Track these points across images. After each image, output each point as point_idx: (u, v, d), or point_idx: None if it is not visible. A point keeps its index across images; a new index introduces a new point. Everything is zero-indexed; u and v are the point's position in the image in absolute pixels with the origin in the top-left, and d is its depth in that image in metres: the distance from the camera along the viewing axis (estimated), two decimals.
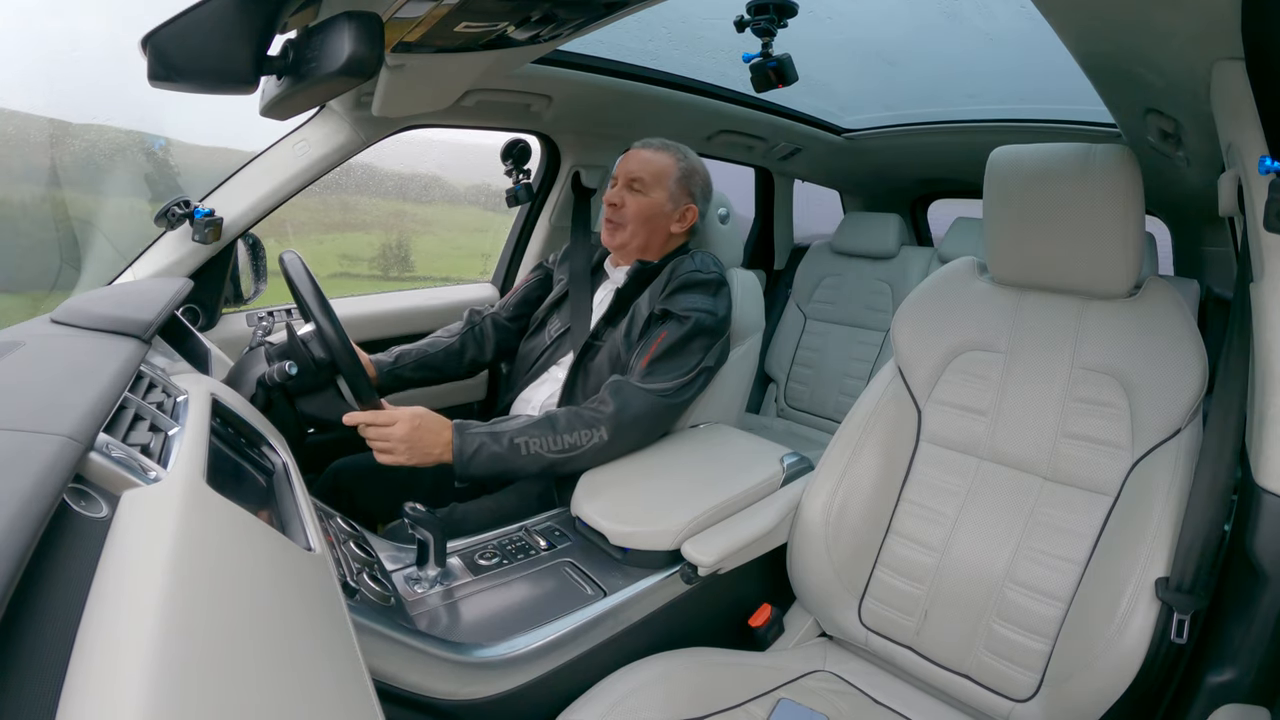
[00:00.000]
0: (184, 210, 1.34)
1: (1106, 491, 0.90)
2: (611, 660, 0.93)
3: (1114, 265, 0.93)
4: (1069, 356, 0.97)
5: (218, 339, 1.38)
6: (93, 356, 0.66)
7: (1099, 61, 0.99)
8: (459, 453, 1.07)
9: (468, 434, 1.09)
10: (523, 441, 1.10)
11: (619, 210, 1.33)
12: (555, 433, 1.12)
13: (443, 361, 1.44)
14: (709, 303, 1.26)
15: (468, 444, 1.08)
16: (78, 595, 0.36)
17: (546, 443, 1.11)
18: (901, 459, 1.06)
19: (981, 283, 1.09)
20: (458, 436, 1.08)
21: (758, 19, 1.21)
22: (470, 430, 1.10)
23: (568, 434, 1.13)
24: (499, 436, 1.10)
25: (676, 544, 1.01)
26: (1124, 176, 0.90)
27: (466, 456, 1.08)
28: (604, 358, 1.29)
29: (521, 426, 1.12)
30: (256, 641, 0.40)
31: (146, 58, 0.67)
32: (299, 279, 1.00)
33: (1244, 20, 0.65)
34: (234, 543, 0.49)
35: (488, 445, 1.09)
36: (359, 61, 0.69)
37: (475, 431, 1.10)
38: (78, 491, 0.45)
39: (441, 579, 0.96)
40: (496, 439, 1.09)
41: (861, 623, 1.05)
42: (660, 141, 1.38)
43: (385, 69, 1.07)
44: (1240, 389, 0.78)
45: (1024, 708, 0.90)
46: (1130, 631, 0.78)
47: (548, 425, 1.13)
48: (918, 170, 2.54)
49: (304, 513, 0.67)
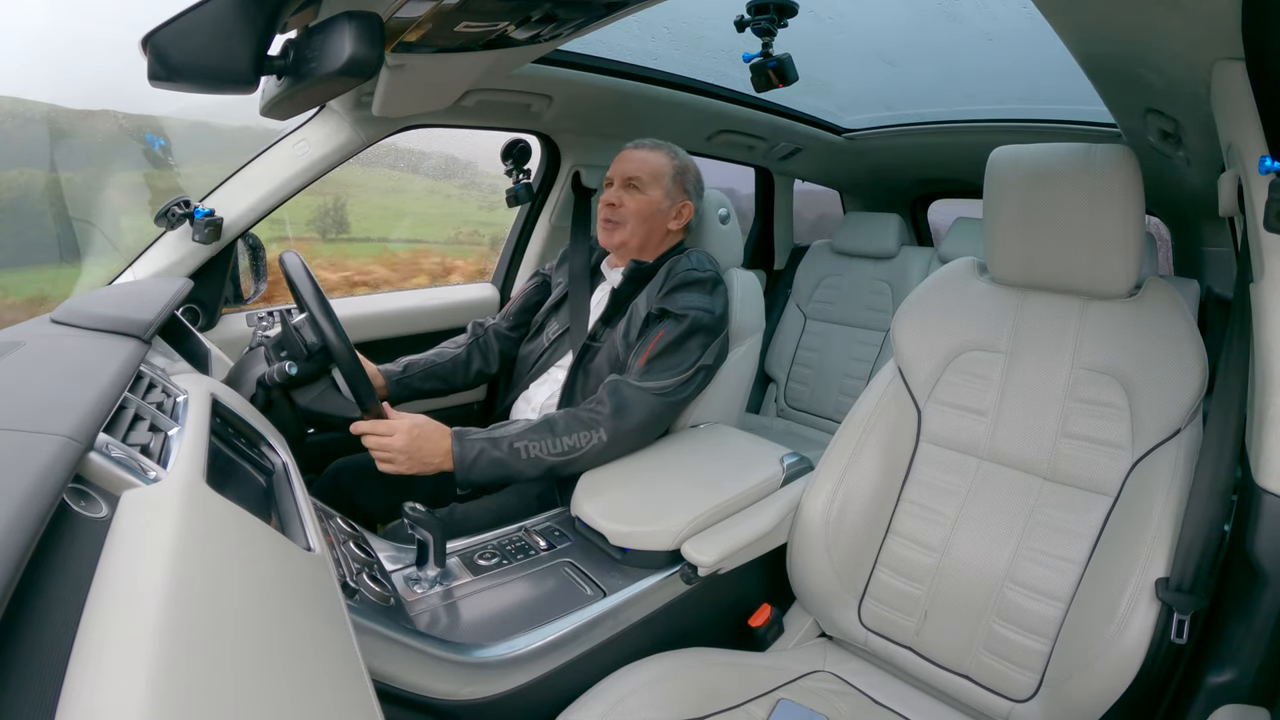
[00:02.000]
0: (184, 210, 1.34)
1: (1106, 491, 0.90)
2: (611, 660, 0.93)
3: (1114, 265, 0.93)
4: (1069, 357, 0.97)
5: (218, 339, 1.37)
6: (93, 356, 0.66)
7: (1099, 62, 1.00)
8: (459, 460, 1.08)
9: (467, 441, 1.09)
10: (522, 446, 1.11)
11: (618, 210, 1.33)
12: (554, 435, 1.13)
13: (450, 372, 1.46)
14: (706, 301, 1.26)
15: (468, 451, 1.08)
16: (78, 595, 0.36)
17: (546, 446, 1.12)
18: (901, 459, 1.06)
19: (981, 283, 1.09)
20: (457, 444, 1.09)
21: (758, 19, 1.21)
22: (469, 437, 1.10)
23: (567, 436, 1.13)
24: (498, 442, 1.10)
25: (676, 544, 1.01)
26: (1124, 176, 0.90)
27: (467, 463, 1.08)
28: (603, 358, 1.30)
29: (520, 431, 1.12)
30: (256, 642, 0.40)
31: (146, 58, 0.67)
32: (299, 279, 1.00)
33: (1244, 21, 0.65)
34: (234, 543, 0.49)
35: (488, 451, 1.09)
36: (359, 61, 0.69)
37: (474, 438, 1.10)
38: (78, 491, 0.44)
39: (441, 579, 0.96)
40: (496, 444, 1.10)
41: (861, 623, 1.05)
42: (652, 141, 1.39)
43: (385, 69, 1.07)
44: (1240, 389, 0.78)
45: (1024, 708, 0.90)
46: (1130, 631, 0.78)
47: (546, 429, 1.13)
48: (917, 170, 2.54)
49: (304, 513, 0.67)
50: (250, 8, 0.69)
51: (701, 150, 2.11)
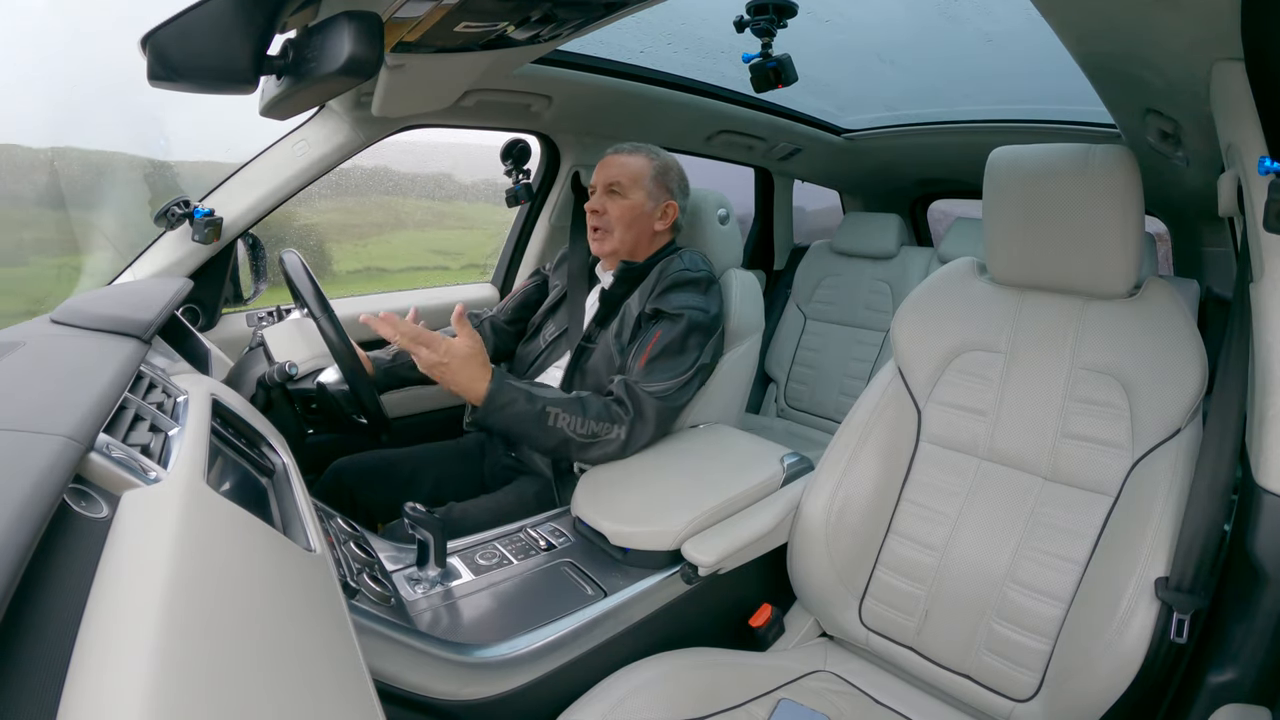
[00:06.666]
0: (184, 210, 1.34)
1: (1107, 491, 0.90)
2: (612, 660, 0.93)
3: (1114, 265, 0.93)
4: (1069, 356, 0.97)
5: (218, 339, 1.37)
6: (93, 356, 0.66)
7: (1099, 62, 1.00)
8: (490, 399, 1.08)
9: (505, 384, 1.10)
10: (554, 412, 1.12)
11: (602, 216, 1.34)
12: (584, 416, 1.14)
13: None
14: (700, 300, 1.27)
15: (502, 393, 1.09)
16: (78, 595, 0.36)
17: (574, 422, 1.13)
18: (902, 459, 1.06)
19: (981, 283, 1.09)
20: (495, 383, 1.09)
21: (757, 19, 1.21)
22: (508, 382, 1.11)
23: (594, 421, 1.15)
24: (534, 398, 1.11)
25: (677, 544, 1.01)
26: (1124, 176, 0.90)
27: (495, 406, 1.08)
28: (599, 359, 1.30)
29: (555, 398, 1.13)
30: (257, 642, 0.40)
31: (146, 57, 0.67)
32: (299, 279, 1.00)
33: (1244, 21, 0.65)
34: (234, 543, 0.49)
35: (520, 403, 1.10)
36: (359, 61, 0.69)
37: (512, 384, 1.11)
38: (78, 492, 0.44)
39: (442, 579, 0.96)
40: (531, 399, 1.11)
41: (862, 623, 1.05)
42: (631, 145, 1.40)
43: (385, 69, 1.07)
44: (1240, 389, 0.78)
45: (1024, 708, 0.90)
46: (1131, 631, 0.78)
47: (579, 406, 1.14)
48: (917, 170, 2.54)
49: (304, 513, 0.67)
50: (250, 7, 0.69)
51: (701, 150, 2.11)
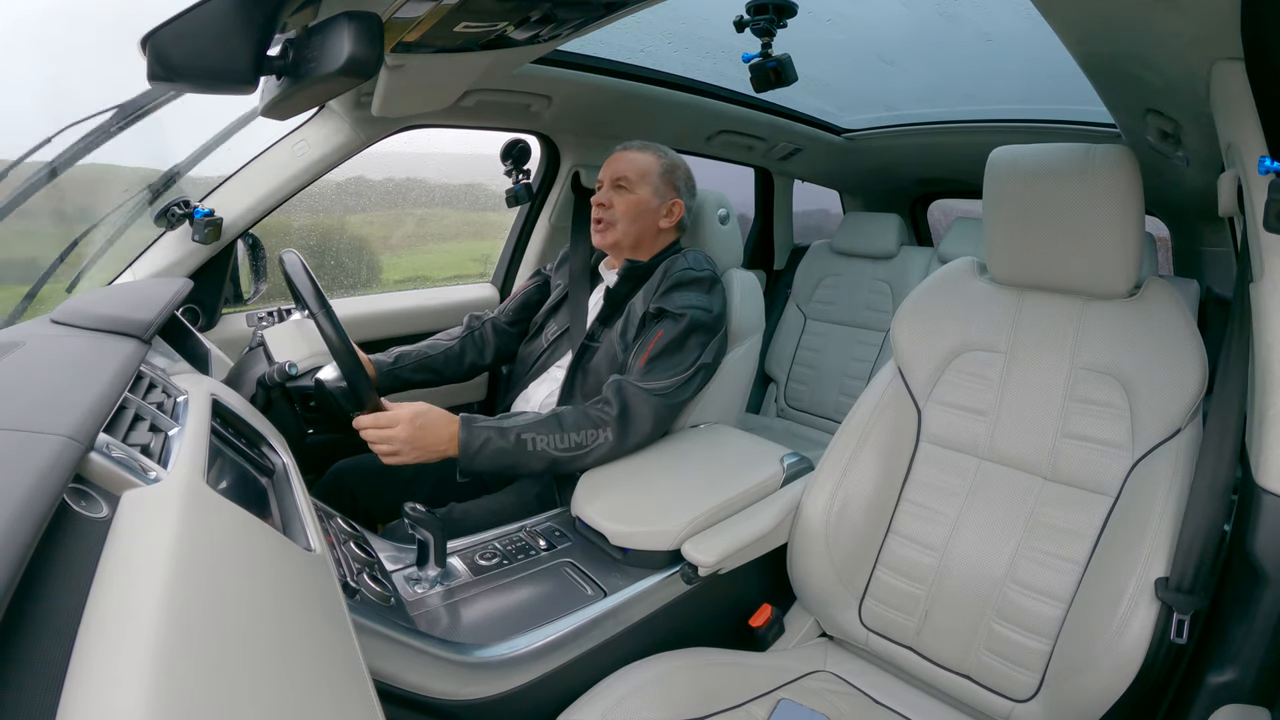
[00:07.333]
0: (184, 210, 1.34)
1: (1107, 491, 0.90)
2: (611, 660, 0.93)
3: (1114, 265, 0.93)
4: (1069, 356, 0.97)
5: (218, 339, 1.37)
6: (93, 356, 0.66)
7: (1099, 62, 1.00)
8: (465, 446, 1.07)
9: (474, 428, 1.09)
10: (530, 438, 1.10)
11: (608, 210, 1.34)
12: (562, 431, 1.13)
13: (442, 364, 1.45)
14: (703, 300, 1.26)
15: (474, 438, 1.08)
16: (78, 595, 0.36)
17: (553, 440, 1.12)
18: (902, 459, 1.06)
19: (981, 283, 1.09)
20: (464, 430, 1.08)
21: (757, 19, 1.21)
22: (477, 424, 1.10)
23: (574, 432, 1.13)
24: (506, 432, 1.10)
25: (677, 544, 1.01)
26: (1124, 176, 0.90)
27: (472, 450, 1.08)
28: (601, 358, 1.30)
29: (528, 423, 1.12)
30: (256, 642, 0.40)
31: (146, 57, 0.67)
32: (299, 279, 1.00)
33: (1243, 21, 0.65)
34: (234, 543, 0.49)
35: (494, 440, 1.09)
36: (359, 61, 0.69)
37: (482, 425, 1.10)
38: (78, 491, 0.44)
39: (442, 579, 0.96)
40: (503, 434, 1.10)
41: (862, 623, 1.05)
42: (640, 143, 1.40)
43: (385, 69, 1.07)
44: (1240, 389, 0.78)
45: (1024, 708, 0.90)
46: (1130, 631, 0.78)
47: (555, 423, 1.13)
48: (917, 170, 2.54)
49: (304, 513, 0.67)
50: (250, 8, 0.69)
51: (701, 150, 2.11)
